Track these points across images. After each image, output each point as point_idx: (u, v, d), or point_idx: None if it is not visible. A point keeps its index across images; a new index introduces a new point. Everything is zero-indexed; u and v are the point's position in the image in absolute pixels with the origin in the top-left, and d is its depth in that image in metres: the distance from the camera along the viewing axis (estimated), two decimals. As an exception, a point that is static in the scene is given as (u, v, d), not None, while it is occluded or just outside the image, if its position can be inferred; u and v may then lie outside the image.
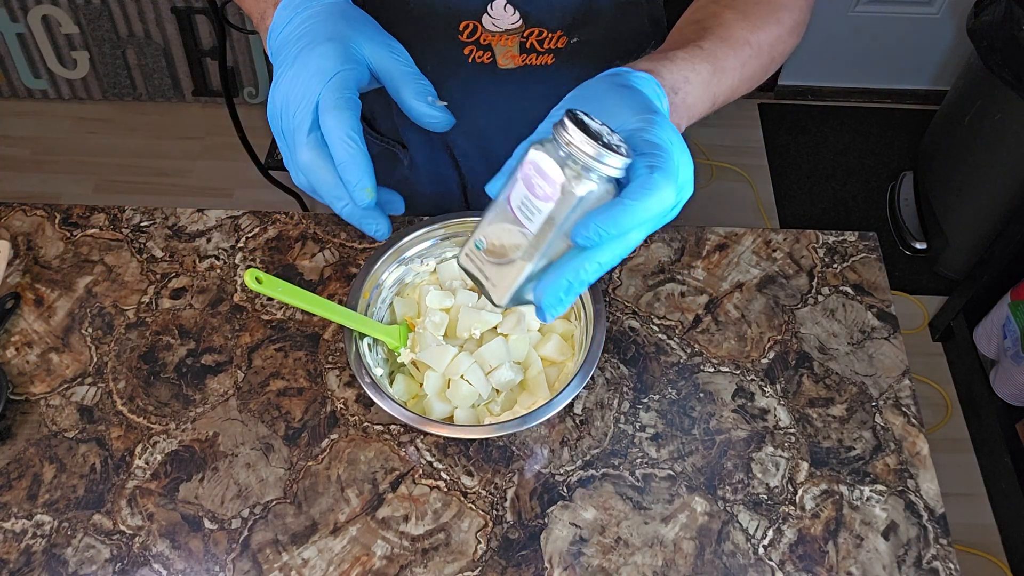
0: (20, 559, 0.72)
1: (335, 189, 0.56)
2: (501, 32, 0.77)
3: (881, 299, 0.88)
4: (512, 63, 0.80)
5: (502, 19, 0.76)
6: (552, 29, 0.77)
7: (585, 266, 0.47)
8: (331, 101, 0.54)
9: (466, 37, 0.78)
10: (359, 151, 0.55)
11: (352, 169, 0.55)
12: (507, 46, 0.78)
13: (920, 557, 0.72)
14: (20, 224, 0.92)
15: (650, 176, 0.46)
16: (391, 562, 0.72)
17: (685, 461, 0.77)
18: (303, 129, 0.55)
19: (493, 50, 0.79)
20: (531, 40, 0.78)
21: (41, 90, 2.35)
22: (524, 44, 0.78)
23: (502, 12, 0.75)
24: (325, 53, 0.55)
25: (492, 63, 0.80)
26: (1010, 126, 1.75)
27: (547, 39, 0.78)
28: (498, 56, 0.79)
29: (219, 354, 0.83)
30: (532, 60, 0.80)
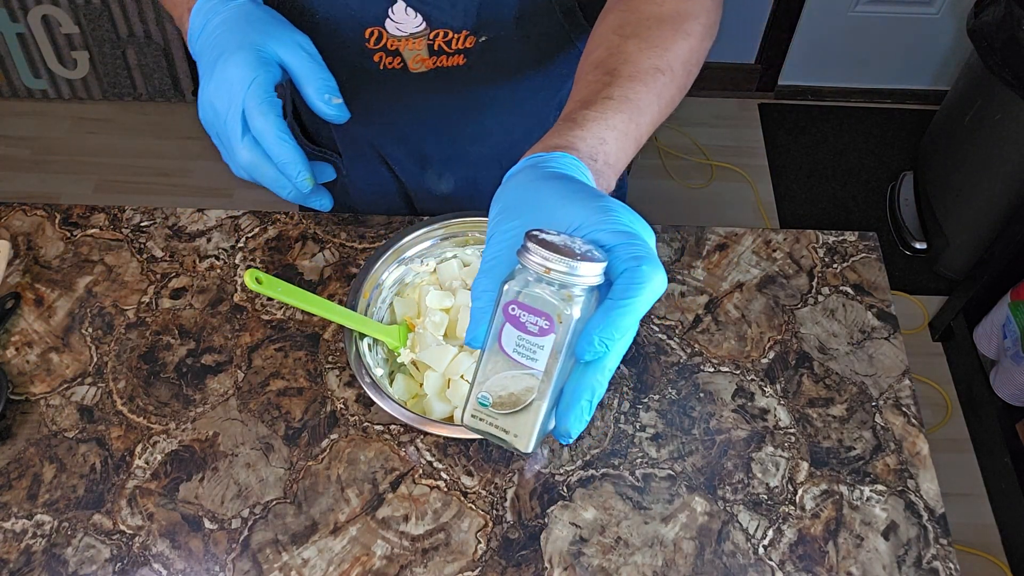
0: (20, 559, 0.72)
1: (277, 180, 0.63)
2: (407, 36, 0.76)
3: (881, 299, 0.88)
4: (423, 66, 0.79)
5: (405, 23, 0.75)
6: (457, 29, 0.76)
7: (598, 378, 0.45)
8: (255, 108, 0.60)
9: (373, 44, 0.77)
10: (292, 147, 0.61)
11: (291, 165, 0.62)
12: (415, 49, 0.77)
13: (920, 557, 0.72)
14: (20, 224, 0.92)
15: (638, 268, 0.44)
16: (391, 562, 0.72)
17: (685, 461, 0.77)
18: (236, 134, 0.61)
19: (402, 55, 0.78)
20: (438, 42, 0.77)
21: (41, 90, 2.35)
22: (432, 46, 0.77)
23: (404, 16, 0.74)
24: (239, 62, 0.60)
25: (403, 68, 0.79)
26: (1010, 126, 1.75)
27: (454, 39, 0.77)
28: (408, 60, 0.78)
29: (219, 354, 0.83)
30: (443, 62, 0.79)
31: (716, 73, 2.39)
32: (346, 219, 0.93)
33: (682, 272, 0.89)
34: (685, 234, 0.92)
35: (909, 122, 2.38)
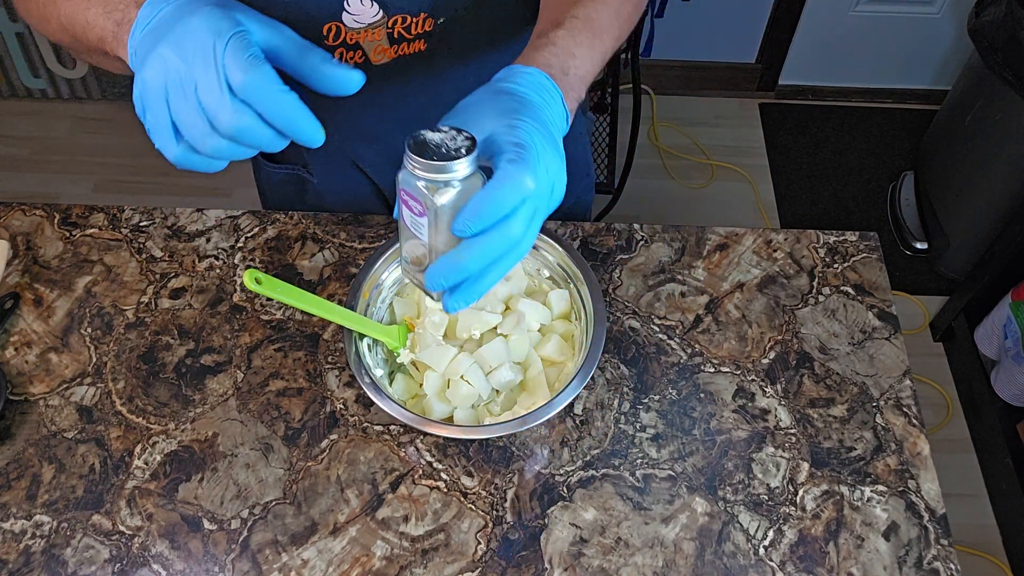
0: (19, 559, 0.72)
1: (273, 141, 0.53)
2: (365, 27, 0.75)
3: (882, 299, 0.88)
4: (385, 57, 0.78)
5: (362, 13, 0.74)
6: (415, 13, 0.75)
7: (464, 253, 0.52)
8: (242, 62, 0.50)
9: (332, 41, 0.76)
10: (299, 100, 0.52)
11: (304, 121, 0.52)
12: (375, 40, 0.76)
13: (921, 558, 0.72)
14: (19, 224, 0.92)
15: (506, 168, 0.52)
16: (391, 563, 0.72)
17: (685, 461, 0.77)
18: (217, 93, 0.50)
19: (363, 48, 0.77)
20: (397, 29, 0.76)
21: (40, 90, 2.35)
22: (392, 34, 0.76)
23: (360, 6, 0.73)
24: (212, 15, 0.51)
25: (365, 62, 0.78)
26: (1011, 126, 1.75)
27: (412, 24, 0.76)
28: (369, 53, 0.77)
29: (218, 354, 0.83)
30: (404, 49, 0.78)
31: (717, 73, 2.39)
32: (346, 219, 0.92)
33: (682, 272, 0.89)
34: (685, 234, 0.92)
35: (910, 122, 2.38)
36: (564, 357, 0.78)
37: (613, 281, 0.88)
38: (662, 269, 0.89)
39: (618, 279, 0.88)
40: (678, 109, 2.38)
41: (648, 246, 0.91)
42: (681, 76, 2.40)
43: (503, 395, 0.77)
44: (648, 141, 2.30)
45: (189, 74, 0.50)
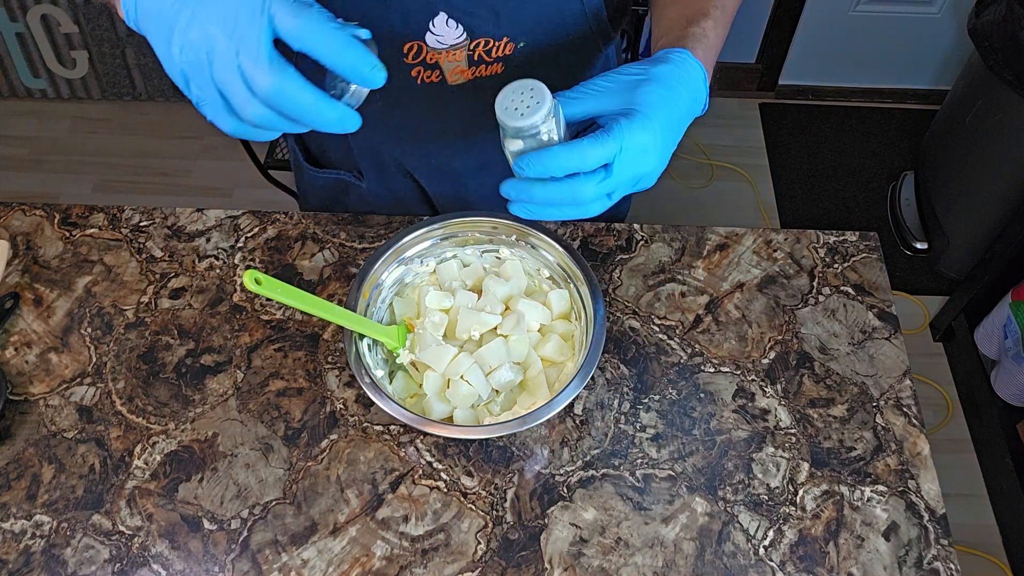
0: (19, 559, 0.72)
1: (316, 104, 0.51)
2: (447, 48, 0.75)
3: (882, 299, 0.88)
4: (462, 78, 0.78)
5: (446, 35, 0.74)
6: (498, 37, 0.75)
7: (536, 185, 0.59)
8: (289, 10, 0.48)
9: (412, 59, 0.76)
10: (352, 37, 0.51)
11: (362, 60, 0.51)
12: (455, 61, 0.76)
13: (921, 558, 0.72)
14: (19, 224, 0.92)
15: (579, 141, 0.57)
16: (391, 563, 0.72)
17: (685, 461, 0.77)
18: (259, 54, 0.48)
19: (441, 68, 0.77)
20: (479, 51, 0.76)
21: (40, 90, 2.35)
22: (472, 56, 0.76)
23: (445, 28, 0.74)
24: None
25: (442, 81, 0.78)
26: (1011, 126, 1.75)
27: (494, 48, 0.76)
28: (447, 73, 0.78)
29: (218, 354, 0.83)
30: (482, 72, 0.78)
31: (717, 73, 2.39)
32: (346, 219, 0.92)
33: (682, 272, 0.89)
34: (686, 234, 0.92)
35: (910, 122, 2.38)
36: (564, 357, 0.78)
37: (613, 281, 0.88)
38: (662, 269, 0.89)
39: (618, 279, 0.88)
40: (678, 109, 2.38)
41: (648, 246, 0.91)
42: (681, 76, 2.39)
43: (503, 395, 0.77)
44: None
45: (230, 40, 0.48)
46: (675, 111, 0.61)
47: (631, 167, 0.59)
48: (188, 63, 0.50)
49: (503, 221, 0.81)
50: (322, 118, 0.52)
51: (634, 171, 0.59)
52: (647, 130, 0.58)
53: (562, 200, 0.59)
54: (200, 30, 0.49)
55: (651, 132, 0.59)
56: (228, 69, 0.49)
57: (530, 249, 0.81)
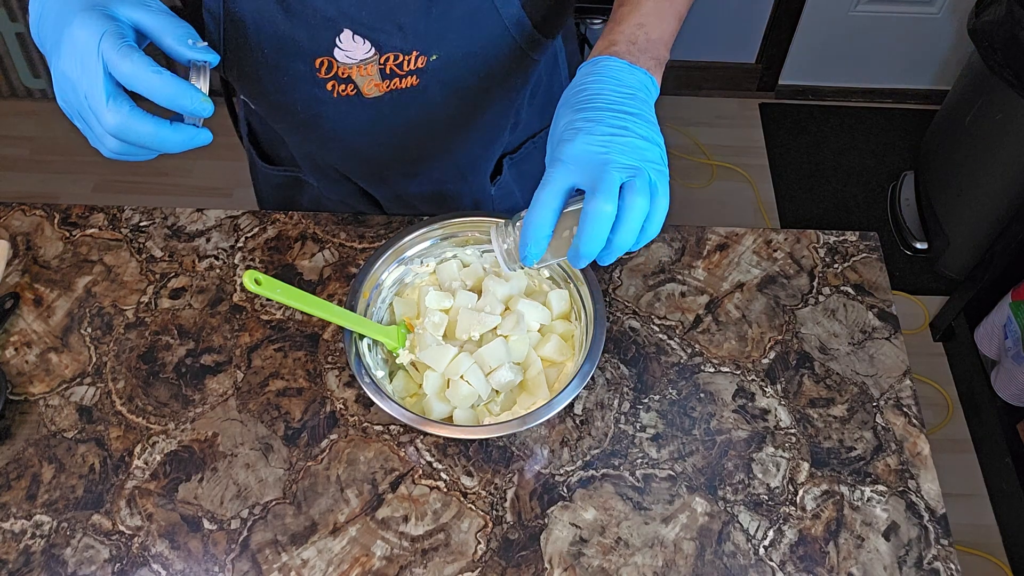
0: (19, 559, 0.72)
1: (156, 135, 0.57)
2: (357, 63, 0.75)
3: (882, 299, 0.88)
4: (377, 91, 0.78)
5: (354, 50, 0.74)
6: (407, 51, 0.75)
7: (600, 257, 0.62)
8: (116, 54, 0.55)
9: (324, 73, 0.76)
10: (173, 76, 0.56)
11: (181, 95, 0.56)
12: (367, 75, 0.76)
13: (921, 558, 0.72)
14: (19, 224, 0.92)
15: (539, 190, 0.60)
16: (391, 563, 0.72)
17: (685, 461, 0.77)
18: (99, 98, 0.55)
19: (355, 82, 0.77)
20: (390, 65, 0.76)
21: (40, 90, 2.35)
22: (384, 70, 0.76)
23: (352, 43, 0.74)
24: (84, 22, 0.55)
25: (357, 94, 0.78)
26: (1011, 126, 1.75)
27: (405, 61, 0.76)
28: (361, 86, 0.78)
29: (218, 354, 0.83)
30: (397, 84, 0.78)
31: (717, 73, 2.39)
32: (346, 219, 0.92)
33: (682, 272, 0.89)
34: (685, 234, 0.92)
35: (910, 122, 2.38)
36: (564, 357, 0.78)
37: (613, 281, 0.88)
38: (662, 269, 0.89)
39: (618, 279, 0.88)
40: (678, 109, 2.38)
41: (648, 246, 0.91)
42: (681, 76, 2.40)
43: (503, 395, 0.77)
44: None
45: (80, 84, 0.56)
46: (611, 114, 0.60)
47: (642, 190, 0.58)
48: (61, 99, 0.58)
49: (503, 222, 0.81)
50: (168, 143, 0.58)
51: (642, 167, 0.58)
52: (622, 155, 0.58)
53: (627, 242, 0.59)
54: (62, 72, 0.56)
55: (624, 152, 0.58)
56: (84, 108, 0.57)
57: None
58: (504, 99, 0.85)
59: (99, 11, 0.56)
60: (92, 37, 0.55)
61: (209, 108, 0.58)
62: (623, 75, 0.62)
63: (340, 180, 0.96)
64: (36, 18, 0.60)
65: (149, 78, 0.55)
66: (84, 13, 0.56)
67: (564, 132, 0.60)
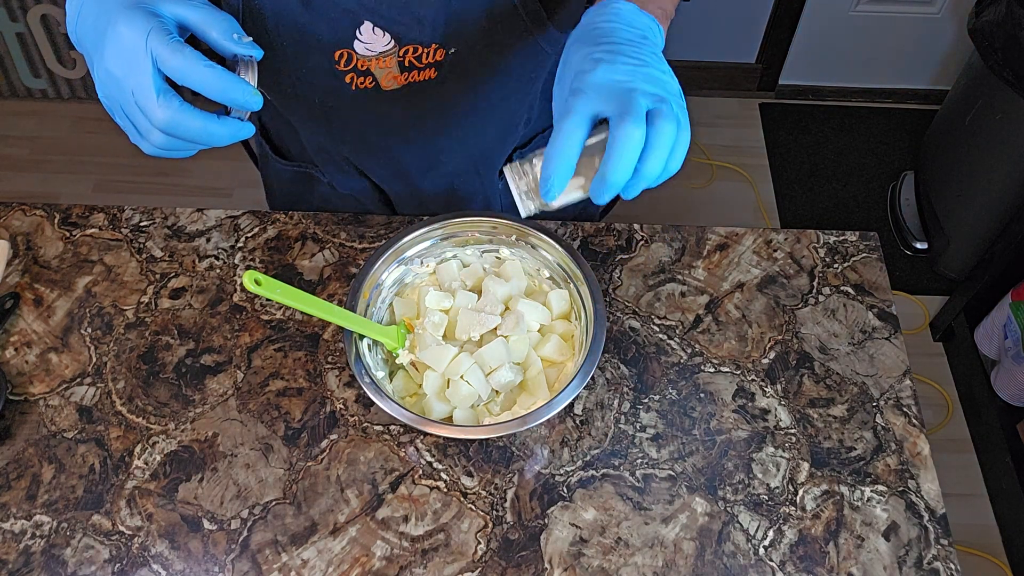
0: (19, 559, 0.72)
1: (206, 128, 0.58)
2: (376, 55, 0.76)
3: (882, 299, 0.88)
4: (395, 83, 0.79)
5: (374, 42, 0.75)
6: (426, 44, 0.76)
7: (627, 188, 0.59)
8: (167, 50, 0.55)
9: (344, 66, 0.76)
10: (225, 71, 0.57)
11: (232, 88, 0.57)
12: (386, 67, 0.77)
13: (921, 558, 0.72)
14: (19, 224, 0.92)
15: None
16: (391, 563, 0.72)
17: (685, 461, 0.77)
18: (149, 93, 0.56)
19: (374, 74, 0.77)
20: (408, 58, 0.76)
21: (40, 90, 2.35)
22: (403, 63, 0.77)
23: (372, 36, 0.74)
24: (130, 19, 0.56)
25: (376, 86, 0.79)
26: (1011, 126, 1.75)
27: (424, 54, 0.76)
28: (380, 79, 0.78)
29: (218, 354, 0.83)
30: (415, 77, 0.78)
31: (717, 73, 2.39)
32: (346, 219, 0.92)
33: (682, 272, 0.89)
34: (686, 234, 0.92)
35: (910, 122, 2.38)
36: (564, 357, 0.78)
37: (613, 281, 0.88)
38: (662, 269, 0.89)
39: (618, 279, 0.88)
40: (678, 109, 2.38)
41: (648, 246, 0.91)
42: (681, 76, 2.36)
43: (503, 395, 0.77)
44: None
45: (127, 81, 0.56)
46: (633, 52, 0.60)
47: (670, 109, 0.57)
48: (105, 96, 0.59)
49: (503, 221, 0.81)
50: (214, 137, 0.59)
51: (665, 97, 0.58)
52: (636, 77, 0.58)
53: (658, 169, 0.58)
54: (107, 70, 0.57)
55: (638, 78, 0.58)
56: (130, 104, 0.57)
57: (530, 249, 0.81)
58: (519, 92, 0.86)
59: (143, 8, 0.57)
60: (139, 34, 0.55)
61: (259, 101, 0.59)
62: (634, 18, 0.62)
63: (352, 175, 0.96)
64: (74, 17, 0.60)
65: (201, 72, 0.56)
66: (128, 11, 0.56)
67: (583, 63, 0.58)
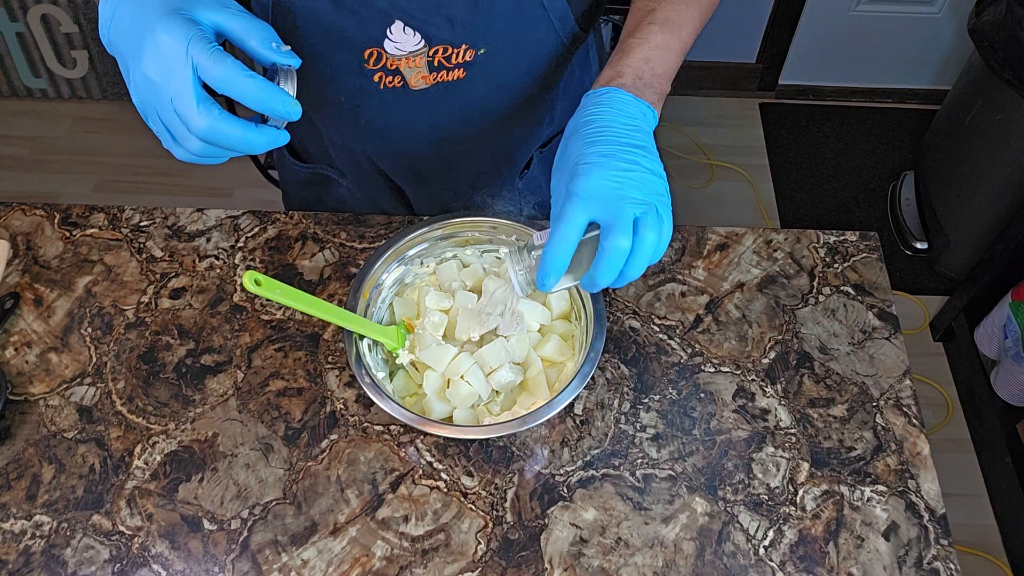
0: (19, 560, 0.72)
1: (244, 137, 0.58)
2: (406, 55, 0.76)
3: (882, 299, 0.88)
4: (424, 83, 0.79)
5: (404, 42, 0.75)
6: (456, 44, 0.76)
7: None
8: (208, 58, 0.55)
9: (373, 65, 0.77)
10: (265, 80, 0.58)
11: (273, 99, 0.58)
12: (415, 67, 0.77)
13: (921, 558, 0.72)
14: (19, 224, 0.92)
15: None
16: (391, 563, 0.72)
17: (686, 461, 0.77)
18: (189, 100, 0.56)
19: (402, 73, 0.78)
20: (438, 58, 0.77)
21: (40, 89, 2.35)
22: (432, 62, 0.77)
23: (402, 35, 0.74)
24: (169, 27, 0.56)
25: (404, 86, 0.79)
26: (1011, 126, 1.75)
27: (454, 54, 0.77)
28: (408, 78, 0.78)
29: (218, 354, 0.83)
30: (443, 77, 0.79)
31: (717, 73, 2.39)
32: (346, 219, 0.92)
33: (682, 272, 0.89)
34: (686, 234, 0.92)
35: (910, 122, 2.38)
36: (564, 357, 0.78)
37: (613, 281, 0.88)
38: (662, 269, 0.89)
39: (618, 279, 0.88)
40: (678, 109, 2.38)
41: (648, 246, 0.91)
42: (681, 76, 2.38)
43: (503, 395, 0.77)
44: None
45: (166, 88, 0.56)
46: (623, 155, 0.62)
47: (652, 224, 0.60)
48: (140, 101, 0.59)
49: (503, 221, 0.81)
50: (252, 145, 0.59)
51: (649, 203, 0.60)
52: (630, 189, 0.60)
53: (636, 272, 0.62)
54: (145, 76, 0.57)
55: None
56: (168, 111, 0.57)
57: None
58: (544, 92, 0.87)
59: (182, 16, 0.57)
60: (179, 42, 0.55)
61: (298, 111, 0.59)
62: (628, 107, 0.64)
63: (372, 174, 0.96)
64: (107, 21, 0.60)
65: (243, 82, 0.56)
66: (167, 17, 0.56)
67: (578, 166, 0.61)
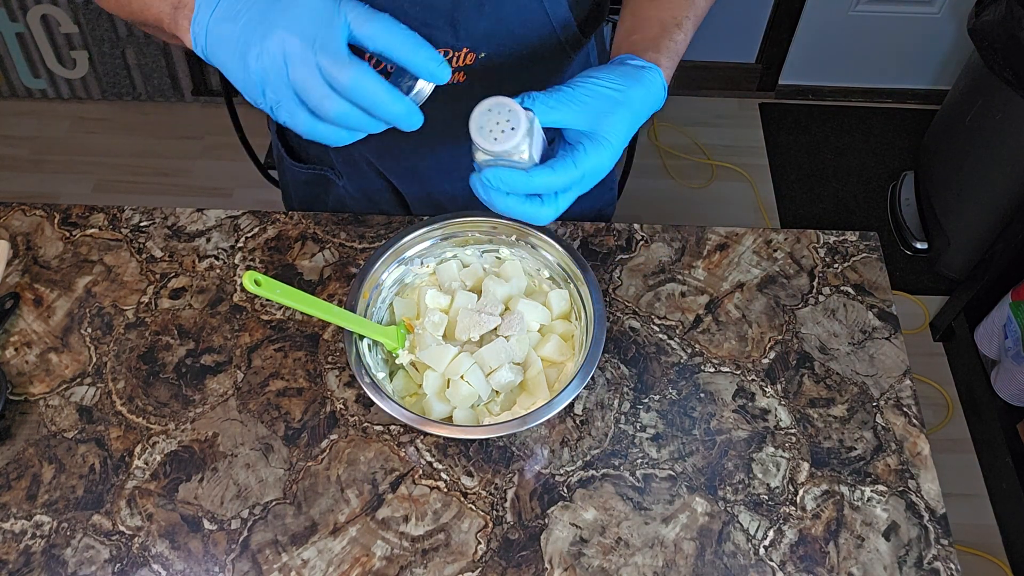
0: (19, 560, 0.72)
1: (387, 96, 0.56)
2: None
3: (882, 299, 0.88)
4: None
5: None
6: (457, 47, 0.76)
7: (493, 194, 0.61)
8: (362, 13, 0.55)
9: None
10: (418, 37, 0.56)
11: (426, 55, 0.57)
12: None
13: (921, 558, 0.72)
14: (19, 224, 0.92)
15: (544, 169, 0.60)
16: (391, 563, 0.72)
17: (686, 461, 0.77)
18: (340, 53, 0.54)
19: None
20: None
21: (40, 90, 2.35)
22: None
23: None
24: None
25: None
26: (1011, 126, 1.75)
27: (454, 58, 0.77)
28: None
29: (218, 354, 0.83)
30: None
31: (717, 73, 2.39)
32: (346, 219, 0.92)
33: (682, 272, 0.89)
34: (686, 234, 0.92)
35: (910, 122, 2.38)
36: (564, 357, 0.78)
37: (613, 281, 0.88)
38: (662, 269, 0.89)
39: (618, 279, 0.88)
40: (678, 109, 2.38)
41: (648, 246, 0.91)
42: (681, 76, 2.39)
43: (503, 395, 0.77)
44: (648, 141, 2.30)
45: (310, 42, 0.54)
46: (633, 129, 0.65)
47: (587, 184, 0.63)
48: (265, 69, 0.55)
49: (503, 221, 0.81)
50: (393, 110, 0.57)
51: (589, 185, 0.64)
52: (608, 154, 0.62)
53: (521, 213, 0.62)
54: (277, 38, 0.54)
55: (611, 153, 0.62)
56: (307, 69, 0.54)
57: (530, 249, 0.82)
58: None
59: None
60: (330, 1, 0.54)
61: (448, 72, 0.58)
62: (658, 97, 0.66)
63: (371, 175, 0.96)
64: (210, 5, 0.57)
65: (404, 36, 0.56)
66: None
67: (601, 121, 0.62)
